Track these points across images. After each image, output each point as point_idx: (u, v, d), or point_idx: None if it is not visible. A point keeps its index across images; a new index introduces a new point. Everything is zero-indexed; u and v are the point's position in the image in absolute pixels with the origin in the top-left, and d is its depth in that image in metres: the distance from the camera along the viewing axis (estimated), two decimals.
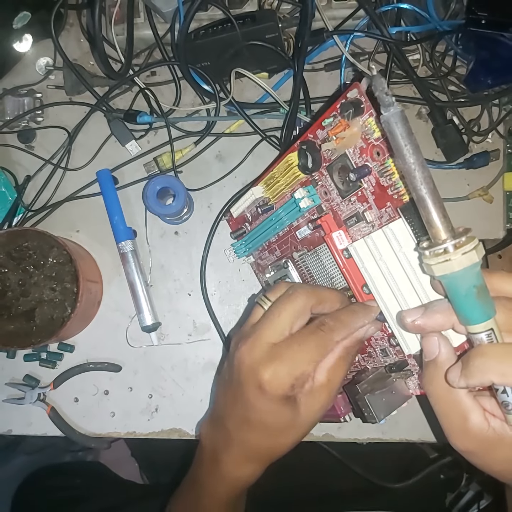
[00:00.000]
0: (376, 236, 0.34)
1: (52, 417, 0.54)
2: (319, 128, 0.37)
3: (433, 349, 0.31)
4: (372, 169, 0.34)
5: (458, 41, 0.54)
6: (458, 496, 0.89)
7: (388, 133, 0.27)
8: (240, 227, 0.51)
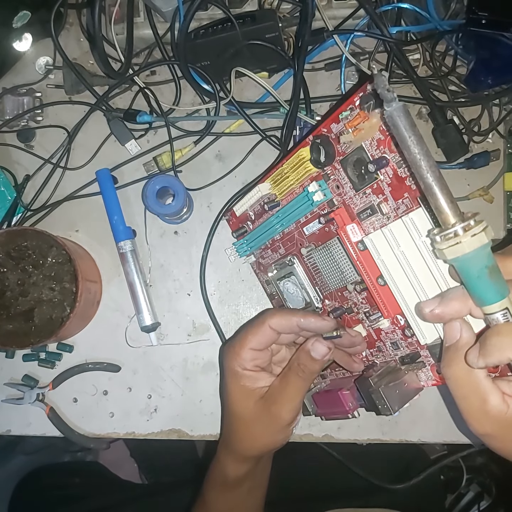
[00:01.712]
0: (395, 226, 0.35)
1: (51, 417, 0.54)
2: (334, 122, 0.37)
3: (454, 333, 0.31)
4: (389, 160, 0.34)
5: (459, 41, 0.54)
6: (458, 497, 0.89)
7: (392, 126, 0.27)
8: (242, 226, 0.51)
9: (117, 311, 0.56)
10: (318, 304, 0.45)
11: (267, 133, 0.56)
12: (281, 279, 0.48)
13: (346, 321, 0.43)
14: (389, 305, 0.38)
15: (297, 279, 0.46)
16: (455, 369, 0.31)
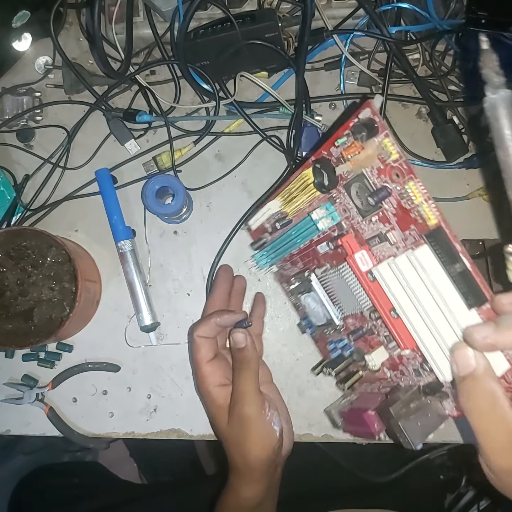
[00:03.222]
0: (401, 261, 0.33)
1: (50, 417, 0.54)
2: (333, 146, 0.35)
3: (468, 361, 0.29)
4: (392, 190, 0.32)
5: (458, 40, 0.54)
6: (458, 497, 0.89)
7: (491, 118, 0.24)
8: (260, 237, 0.49)
9: (116, 311, 0.56)
10: (339, 322, 0.44)
11: (267, 133, 0.56)
12: (302, 293, 0.47)
13: (368, 341, 0.42)
14: (404, 338, 0.36)
15: (316, 295, 0.45)
16: (477, 401, 0.29)
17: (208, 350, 0.44)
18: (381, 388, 0.43)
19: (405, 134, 0.56)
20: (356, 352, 0.44)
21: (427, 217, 0.31)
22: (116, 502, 0.74)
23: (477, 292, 0.30)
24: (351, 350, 0.44)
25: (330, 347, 0.46)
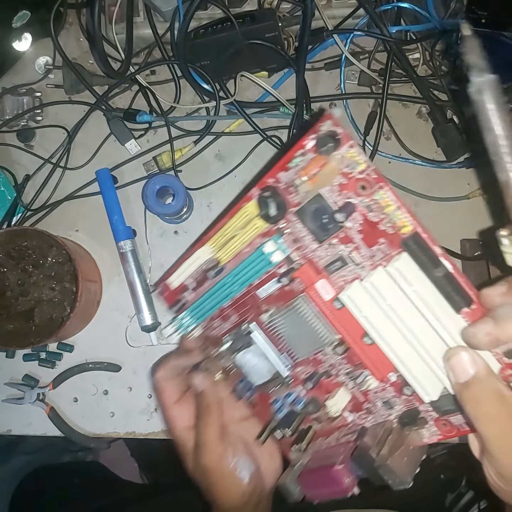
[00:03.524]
0: (377, 277, 0.30)
1: (51, 417, 0.54)
2: (282, 170, 0.32)
3: (467, 365, 0.28)
4: (357, 205, 0.30)
5: (458, 40, 0.54)
6: (458, 497, 0.89)
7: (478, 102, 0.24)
8: (179, 298, 0.42)
9: (117, 311, 0.56)
10: (287, 373, 0.39)
11: (267, 133, 0.56)
12: (238, 350, 0.41)
13: (324, 385, 0.38)
14: (379, 365, 0.33)
15: (257, 348, 0.40)
16: (486, 405, 0.27)
17: (171, 392, 0.42)
18: (341, 438, 0.39)
19: (405, 133, 0.56)
20: (311, 402, 0.39)
21: (402, 224, 0.29)
22: (117, 502, 0.74)
23: (462, 294, 0.29)
24: (305, 402, 0.39)
25: (275, 407, 0.41)
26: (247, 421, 0.44)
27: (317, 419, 0.40)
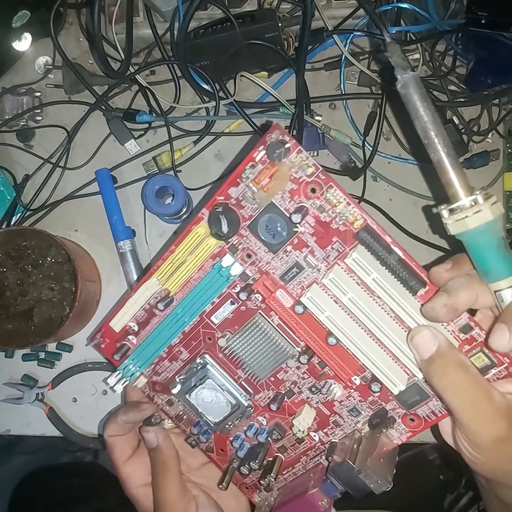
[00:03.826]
0: (335, 273, 0.32)
1: (50, 417, 0.54)
2: (233, 186, 0.32)
3: (430, 341, 0.30)
4: (308, 208, 0.31)
5: (458, 40, 0.54)
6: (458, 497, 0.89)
7: (404, 96, 0.27)
8: (121, 345, 0.39)
9: None
10: (247, 403, 0.39)
11: None
12: (191, 390, 0.39)
13: (287, 407, 0.38)
14: (346, 365, 0.34)
15: (214, 381, 0.38)
16: (451, 376, 0.29)
17: (123, 449, 0.40)
18: (308, 463, 0.40)
19: (405, 133, 0.56)
20: (275, 428, 0.39)
21: (353, 219, 0.31)
22: (117, 502, 0.74)
23: (416, 276, 0.31)
24: (268, 430, 0.39)
25: (236, 445, 0.40)
26: (206, 466, 0.42)
27: (282, 447, 0.40)
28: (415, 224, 0.56)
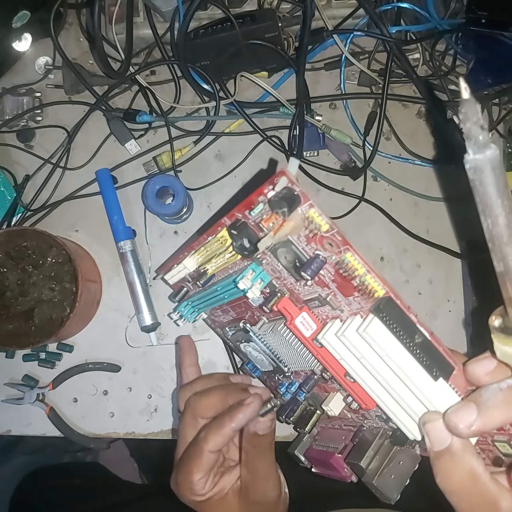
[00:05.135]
0: (351, 336, 0.29)
1: (51, 417, 0.54)
2: (247, 209, 0.30)
3: (442, 435, 0.26)
4: (326, 259, 0.28)
5: (458, 40, 0.54)
6: None
7: (475, 181, 0.20)
8: (181, 287, 0.42)
9: (117, 311, 0.56)
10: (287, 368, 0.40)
11: (267, 133, 0.56)
12: (241, 342, 0.42)
13: (323, 387, 0.39)
14: (364, 400, 0.33)
15: (257, 346, 0.40)
16: (456, 480, 0.26)
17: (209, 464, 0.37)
18: (343, 426, 0.40)
19: (405, 133, 0.56)
20: (311, 398, 0.40)
21: (373, 288, 0.27)
22: (117, 502, 0.74)
23: (441, 363, 0.27)
24: (306, 396, 0.40)
25: (281, 391, 0.41)
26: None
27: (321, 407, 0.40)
28: (415, 223, 0.56)
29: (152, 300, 0.55)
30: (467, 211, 0.57)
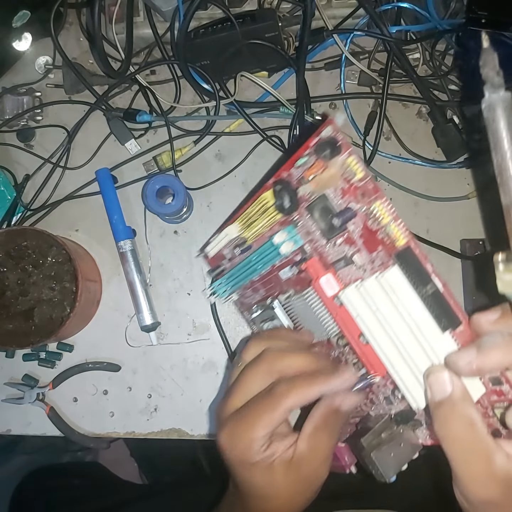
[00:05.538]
0: (370, 285, 0.31)
1: (51, 417, 0.54)
2: (293, 167, 0.33)
3: (444, 386, 0.28)
4: (357, 211, 0.31)
5: (458, 40, 0.54)
6: None
7: (489, 119, 0.23)
8: (218, 265, 0.45)
9: (117, 311, 0.56)
10: None
11: (267, 133, 0.56)
12: (265, 321, 0.43)
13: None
14: (374, 365, 0.34)
15: (279, 322, 0.41)
16: (454, 428, 0.27)
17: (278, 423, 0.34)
18: (350, 418, 0.40)
19: (405, 133, 0.56)
20: None
21: (396, 237, 0.29)
22: (117, 502, 0.74)
23: (450, 315, 0.28)
24: None
25: None
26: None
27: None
28: (415, 223, 0.56)
29: (152, 300, 0.55)
30: (467, 211, 0.57)
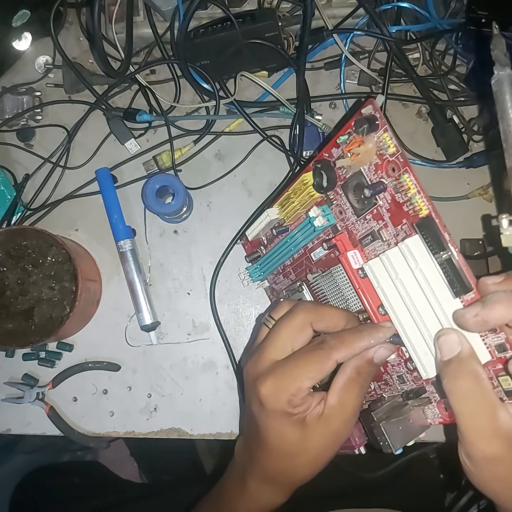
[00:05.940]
0: (392, 253, 0.34)
1: (51, 416, 0.54)
2: (334, 147, 0.37)
3: (453, 345, 0.30)
4: (387, 185, 0.33)
5: (458, 40, 0.54)
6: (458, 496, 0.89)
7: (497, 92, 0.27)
8: (255, 250, 0.50)
9: (116, 310, 0.56)
10: None
11: (267, 132, 0.56)
12: None
13: None
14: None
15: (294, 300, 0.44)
16: (462, 383, 0.29)
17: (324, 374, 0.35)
18: (364, 403, 0.42)
19: (405, 133, 0.56)
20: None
21: (419, 208, 0.32)
22: (117, 501, 0.74)
23: (462, 281, 0.31)
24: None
25: None
26: None
27: None
28: None
29: (152, 299, 0.55)
30: (467, 211, 0.57)
